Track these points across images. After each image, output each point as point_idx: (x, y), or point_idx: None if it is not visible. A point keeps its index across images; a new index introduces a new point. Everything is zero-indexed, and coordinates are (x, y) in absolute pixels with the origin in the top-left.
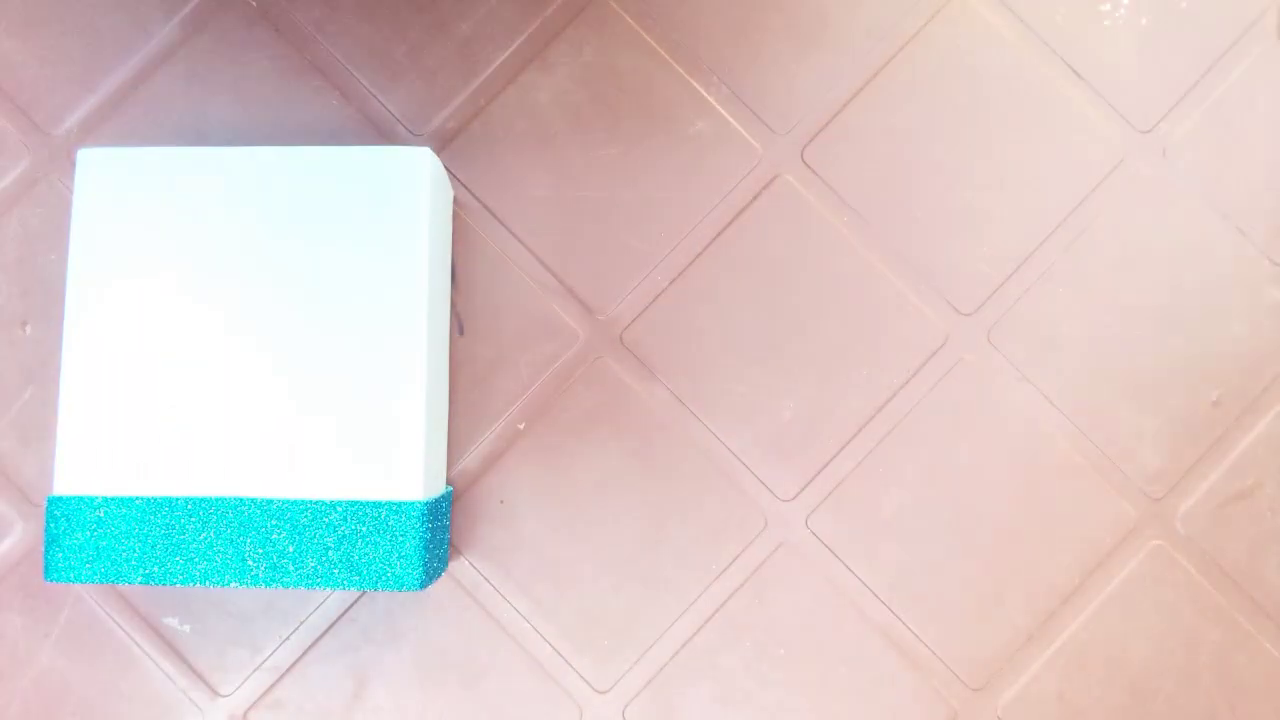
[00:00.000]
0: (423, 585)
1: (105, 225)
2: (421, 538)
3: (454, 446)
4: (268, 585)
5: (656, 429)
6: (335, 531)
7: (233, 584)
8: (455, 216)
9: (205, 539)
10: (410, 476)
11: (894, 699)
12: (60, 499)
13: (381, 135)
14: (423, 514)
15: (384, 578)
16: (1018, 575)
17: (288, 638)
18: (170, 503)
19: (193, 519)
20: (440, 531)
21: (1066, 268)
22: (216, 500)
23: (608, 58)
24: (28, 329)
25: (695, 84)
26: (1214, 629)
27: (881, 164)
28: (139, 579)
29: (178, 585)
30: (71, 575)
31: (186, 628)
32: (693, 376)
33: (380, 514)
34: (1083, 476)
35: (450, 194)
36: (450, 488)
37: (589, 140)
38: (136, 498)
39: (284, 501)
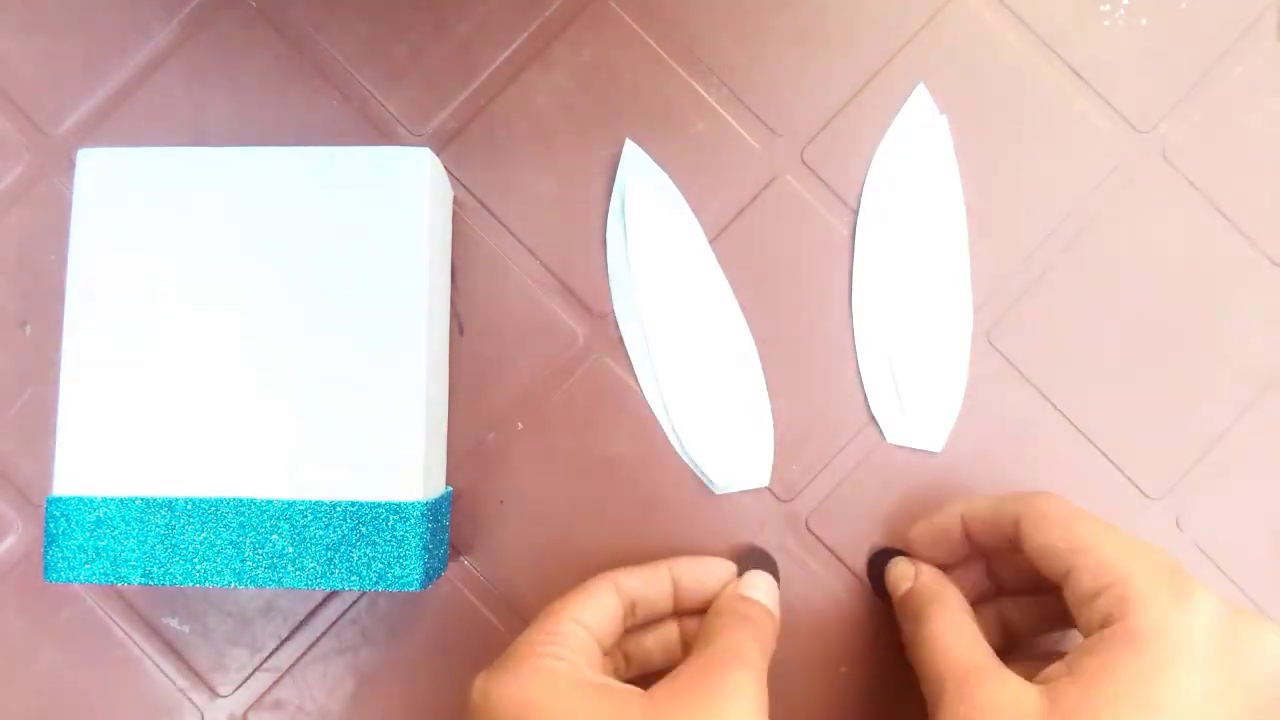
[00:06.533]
0: (423, 585)
1: (105, 225)
2: (421, 538)
3: (454, 446)
4: (268, 585)
5: (657, 428)
6: (335, 532)
7: (233, 584)
8: (455, 216)
9: (205, 539)
10: (410, 477)
11: None
12: (60, 499)
13: (381, 135)
14: (423, 514)
15: (384, 578)
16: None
17: (288, 638)
18: (170, 503)
19: (193, 519)
20: (440, 532)
21: (1066, 268)
22: (216, 500)
23: (608, 58)
24: (28, 329)
25: (695, 84)
26: None
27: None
28: (139, 579)
29: (178, 585)
30: (71, 575)
31: (186, 628)
32: None
33: (380, 514)
34: (1084, 473)
35: (450, 194)
36: (450, 488)
37: (589, 140)
38: (136, 498)
39: (284, 501)
